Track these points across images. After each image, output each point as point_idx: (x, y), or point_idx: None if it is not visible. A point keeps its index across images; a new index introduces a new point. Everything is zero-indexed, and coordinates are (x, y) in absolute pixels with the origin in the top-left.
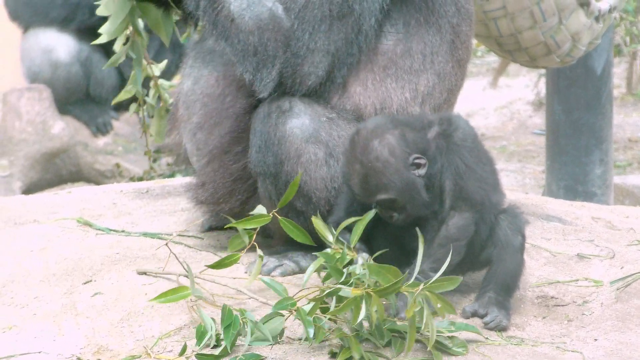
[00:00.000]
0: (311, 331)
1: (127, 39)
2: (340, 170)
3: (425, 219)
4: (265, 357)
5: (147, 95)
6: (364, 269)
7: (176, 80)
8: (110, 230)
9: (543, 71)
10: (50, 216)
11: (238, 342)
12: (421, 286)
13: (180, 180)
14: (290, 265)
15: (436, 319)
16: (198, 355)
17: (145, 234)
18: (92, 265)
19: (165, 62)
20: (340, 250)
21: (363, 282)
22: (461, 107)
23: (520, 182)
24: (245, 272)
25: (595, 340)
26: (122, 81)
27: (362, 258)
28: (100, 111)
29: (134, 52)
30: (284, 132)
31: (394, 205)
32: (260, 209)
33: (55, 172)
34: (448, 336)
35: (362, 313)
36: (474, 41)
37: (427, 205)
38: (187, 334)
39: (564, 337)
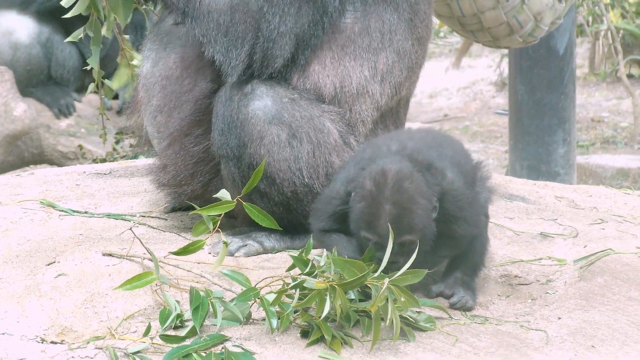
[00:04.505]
0: (274, 322)
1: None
2: (360, 211)
3: None
4: (230, 338)
5: (104, 77)
6: (328, 261)
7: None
8: (74, 211)
9: (505, 51)
10: (13, 198)
11: (205, 323)
12: (386, 280)
13: (143, 162)
14: (254, 246)
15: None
16: (162, 336)
17: (108, 215)
18: (56, 247)
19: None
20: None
21: (328, 275)
22: (424, 87)
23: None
24: (209, 253)
25: (559, 318)
26: (83, 62)
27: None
28: (63, 93)
29: (92, 31)
30: (246, 114)
31: (409, 248)
32: (223, 194)
33: (17, 154)
34: (416, 311)
35: (327, 307)
36: (437, 21)
37: (423, 255)
38: (151, 315)
39: (528, 315)
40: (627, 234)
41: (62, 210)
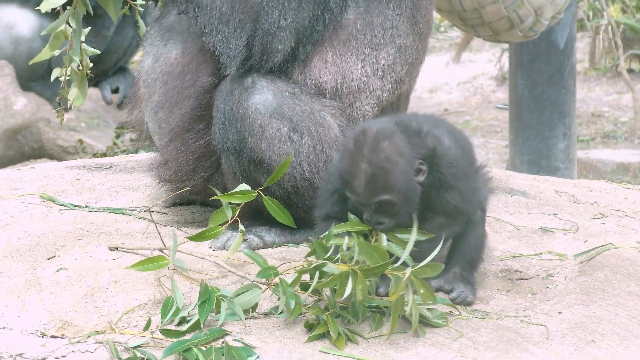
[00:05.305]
0: (292, 302)
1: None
2: (340, 169)
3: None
4: (231, 332)
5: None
6: (352, 246)
7: (138, 56)
8: (74, 205)
9: (506, 46)
10: (13, 192)
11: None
12: (408, 270)
13: (144, 156)
14: (255, 240)
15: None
16: (162, 331)
17: (109, 210)
18: (56, 241)
19: (88, 28)
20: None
21: (351, 258)
22: (425, 82)
23: (483, 157)
24: (210, 247)
25: (559, 313)
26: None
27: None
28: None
29: (75, 22)
30: (247, 108)
31: (390, 209)
32: (244, 186)
33: (17, 148)
34: (427, 308)
35: (348, 290)
36: (437, 16)
37: (411, 216)
38: (151, 309)
39: (528, 310)
40: (628, 229)
41: (63, 205)
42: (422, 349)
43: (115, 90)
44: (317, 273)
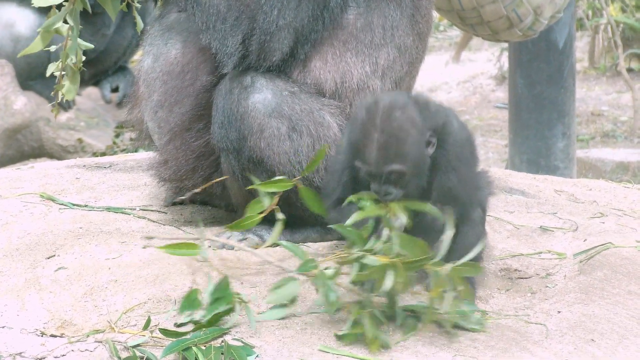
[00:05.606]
0: (332, 295)
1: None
2: (351, 139)
3: None
4: (230, 331)
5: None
6: (393, 238)
7: (138, 56)
8: (74, 205)
9: (505, 45)
10: (13, 191)
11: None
12: (449, 266)
13: (143, 155)
14: (254, 239)
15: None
16: (162, 330)
17: (108, 209)
18: (56, 240)
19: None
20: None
21: (391, 250)
22: (424, 81)
23: (483, 156)
24: (210, 246)
25: (559, 312)
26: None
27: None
28: None
29: (72, 19)
30: (246, 107)
31: (400, 179)
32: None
33: (17, 147)
34: (461, 315)
35: (389, 282)
36: (436, 15)
37: (419, 189)
38: (151, 308)
39: (528, 309)
40: (627, 228)
41: (62, 204)
42: (421, 348)
43: (114, 90)
44: (357, 265)
